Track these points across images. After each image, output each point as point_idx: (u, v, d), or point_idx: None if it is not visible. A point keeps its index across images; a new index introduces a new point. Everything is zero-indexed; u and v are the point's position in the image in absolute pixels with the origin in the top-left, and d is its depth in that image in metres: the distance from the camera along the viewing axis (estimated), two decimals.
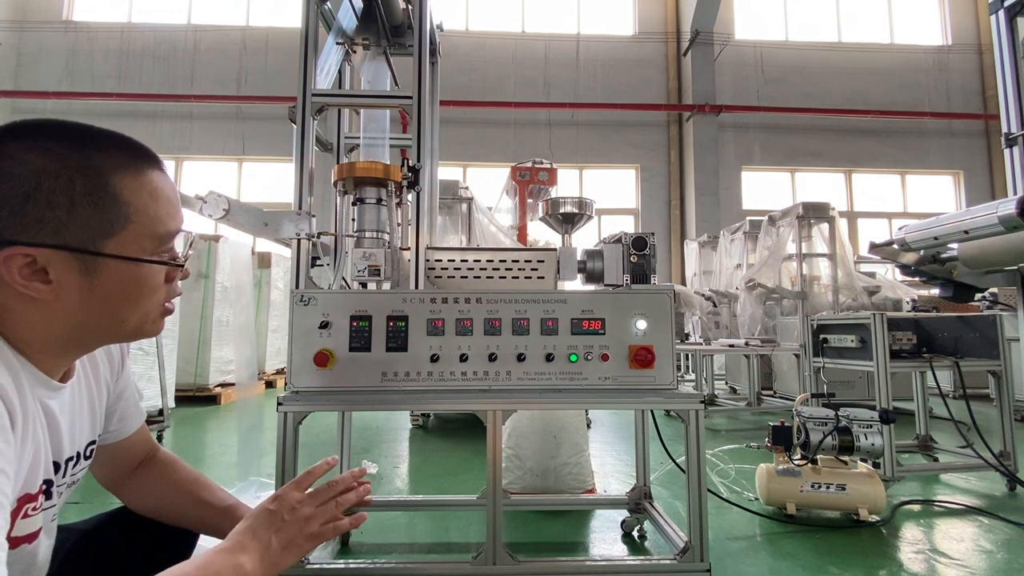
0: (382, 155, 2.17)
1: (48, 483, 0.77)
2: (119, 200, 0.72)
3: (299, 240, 1.79)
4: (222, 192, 1.74)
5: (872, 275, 5.93)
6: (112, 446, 1.00)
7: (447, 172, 9.50)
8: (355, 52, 2.27)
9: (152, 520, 1.04)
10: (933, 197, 11.17)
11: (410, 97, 1.89)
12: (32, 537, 0.76)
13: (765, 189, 11.00)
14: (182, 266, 0.83)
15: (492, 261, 1.89)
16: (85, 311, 0.73)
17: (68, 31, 10.63)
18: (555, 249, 1.97)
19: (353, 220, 1.80)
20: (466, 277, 1.88)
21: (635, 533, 2.06)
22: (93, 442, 0.91)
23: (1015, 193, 2.61)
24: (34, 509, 0.74)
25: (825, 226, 4.91)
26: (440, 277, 1.88)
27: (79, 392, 0.85)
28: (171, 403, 4.15)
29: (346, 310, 1.43)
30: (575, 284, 2.00)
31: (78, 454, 0.85)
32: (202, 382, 5.20)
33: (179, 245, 0.84)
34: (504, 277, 1.88)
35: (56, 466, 0.80)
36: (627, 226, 10.73)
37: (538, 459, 2.34)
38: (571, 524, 2.19)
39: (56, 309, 0.71)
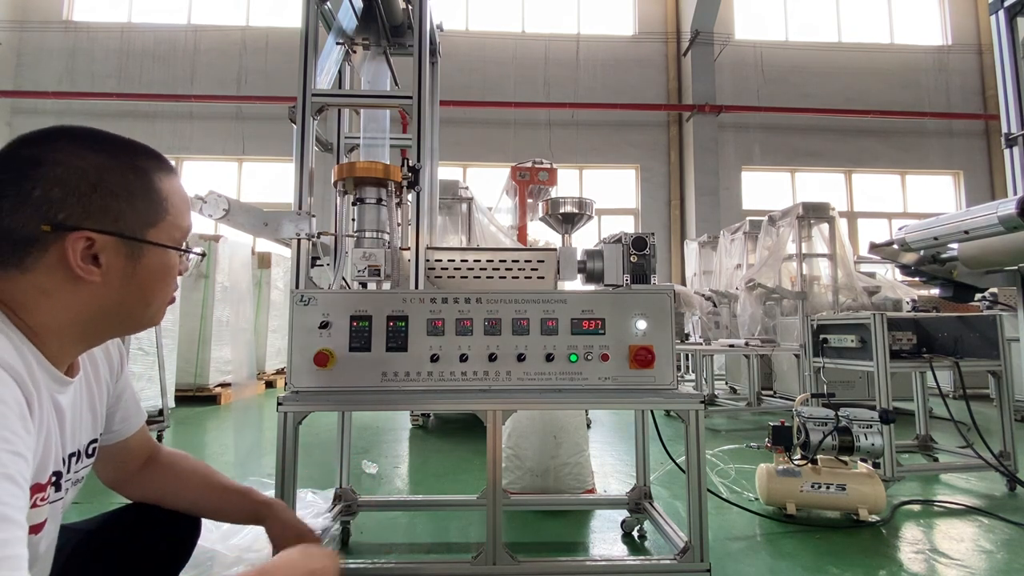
0: (382, 155, 2.17)
1: (57, 475, 0.79)
2: (160, 195, 0.82)
3: (299, 240, 1.79)
4: (222, 192, 1.74)
5: (872, 275, 5.93)
6: (115, 446, 1.02)
7: (447, 172, 9.49)
8: (355, 52, 2.27)
9: (155, 510, 1.05)
10: (933, 197, 11.17)
11: (410, 97, 1.89)
12: (38, 528, 0.77)
13: (765, 189, 10.99)
14: (204, 255, 0.89)
15: (492, 261, 1.89)
16: (121, 294, 0.79)
17: (68, 31, 10.62)
18: (555, 249, 1.96)
19: (353, 220, 1.80)
20: (466, 277, 1.88)
21: (635, 533, 2.06)
22: (95, 440, 0.92)
23: (1015, 193, 2.61)
24: (42, 500, 0.75)
25: (825, 226, 4.91)
26: (440, 277, 1.88)
27: (81, 390, 0.87)
28: (171, 403, 4.15)
29: (346, 310, 1.43)
30: (575, 284, 2.00)
31: (79, 451, 0.87)
32: (202, 382, 5.20)
33: None
34: (504, 277, 1.87)
35: (62, 460, 0.81)
36: (627, 226, 10.72)
37: (538, 459, 2.34)
38: (571, 524, 2.19)
39: (96, 292, 0.77)
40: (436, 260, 1.89)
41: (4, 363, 0.66)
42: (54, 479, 0.78)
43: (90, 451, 0.91)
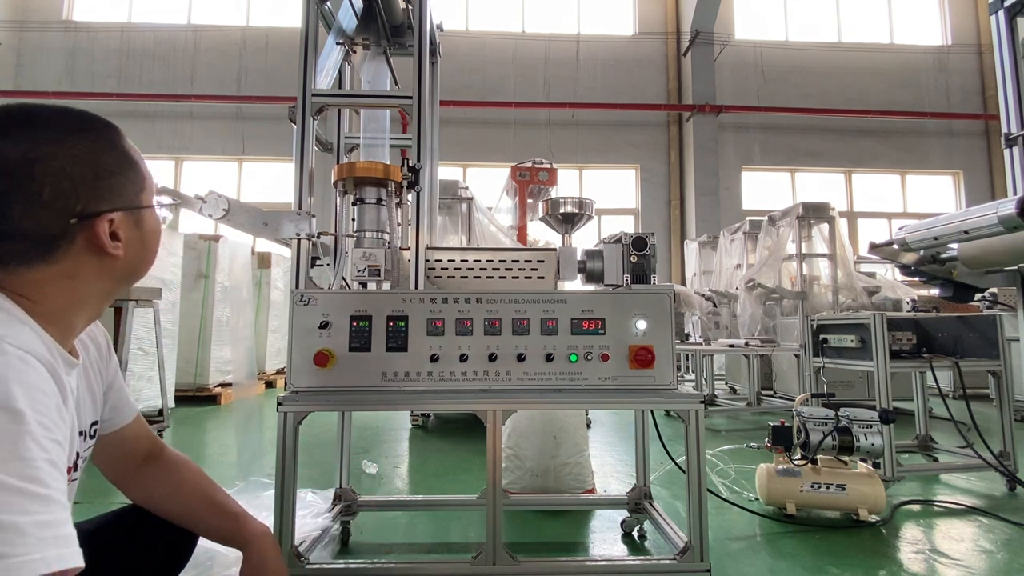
0: (382, 155, 2.17)
1: (76, 455, 0.83)
2: (135, 160, 0.85)
3: (299, 240, 1.79)
4: (222, 192, 1.74)
5: (872, 275, 5.93)
6: (110, 437, 1.02)
7: (447, 172, 9.50)
8: (355, 52, 2.27)
9: (155, 516, 1.05)
10: (933, 197, 11.17)
11: (410, 97, 1.88)
12: None
13: (765, 189, 10.99)
14: (177, 203, 1.06)
15: (492, 261, 1.89)
16: (136, 258, 0.85)
17: (68, 31, 10.62)
18: (555, 249, 1.96)
19: (353, 220, 1.80)
20: (466, 277, 1.88)
21: (635, 533, 2.06)
22: (95, 422, 0.95)
23: (1015, 193, 2.61)
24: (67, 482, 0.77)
25: (825, 226, 4.90)
26: (440, 277, 1.88)
27: (80, 371, 0.89)
28: (171, 403, 4.15)
29: (346, 310, 1.43)
30: (575, 284, 2.00)
31: (84, 432, 0.90)
32: (202, 382, 5.20)
33: None
34: (504, 277, 1.87)
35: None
36: (627, 226, 10.72)
37: (538, 459, 2.34)
38: (571, 524, 2.19)
39: (117, 264, 0.81)
40: (436, 260, 1.89)
41: (41, 357, 0.70)
42: (74, 458, 0.82)
43: (92, 432, 0.94)
